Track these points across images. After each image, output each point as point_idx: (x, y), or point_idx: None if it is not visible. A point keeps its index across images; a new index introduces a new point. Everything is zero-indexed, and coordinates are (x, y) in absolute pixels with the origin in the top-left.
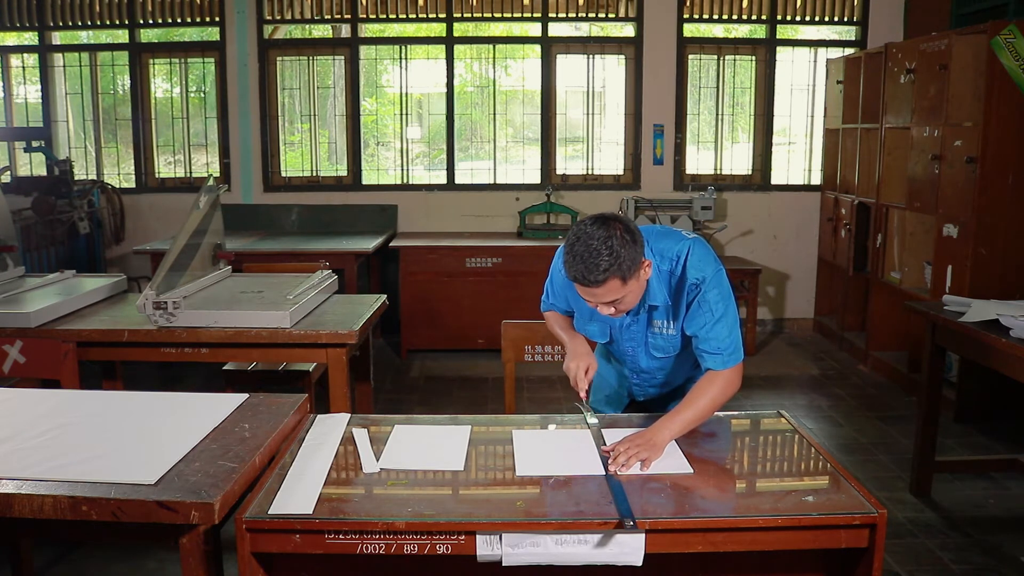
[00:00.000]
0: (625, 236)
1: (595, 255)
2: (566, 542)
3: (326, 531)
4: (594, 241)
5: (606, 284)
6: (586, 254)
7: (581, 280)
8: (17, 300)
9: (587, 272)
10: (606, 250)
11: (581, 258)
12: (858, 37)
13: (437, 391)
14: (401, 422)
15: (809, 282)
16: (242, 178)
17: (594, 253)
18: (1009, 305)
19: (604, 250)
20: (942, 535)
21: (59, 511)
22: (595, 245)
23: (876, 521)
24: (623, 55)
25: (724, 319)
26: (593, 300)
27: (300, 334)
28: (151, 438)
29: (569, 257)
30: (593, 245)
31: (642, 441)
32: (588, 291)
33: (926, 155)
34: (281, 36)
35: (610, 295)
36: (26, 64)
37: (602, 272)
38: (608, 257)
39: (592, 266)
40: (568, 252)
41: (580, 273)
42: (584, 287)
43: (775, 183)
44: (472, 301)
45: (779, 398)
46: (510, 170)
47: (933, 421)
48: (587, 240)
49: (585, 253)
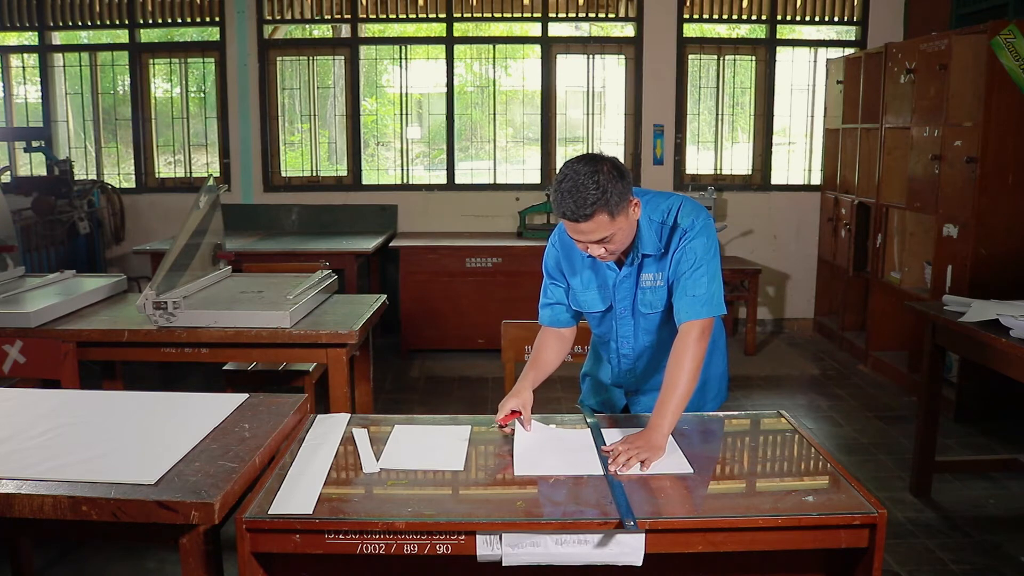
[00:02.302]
0: (612, 172)
1: (582, 190)
2: (566, 542)
3: (326, 531)
4: (581, 177)
5: (594, 218)
6: (574, 189)
7: (570, 216)
8: (17, 300)
9: (575, 207)
10: (593, 184)
11: (569, 194)
12: (858, 37)
13: (437, 391)
14: (401, 422)
15: (809, 282)
16: (242, 178)
17: (581, 188)
18: (1009, 305)
19: (591, 184)
20: (942, 535)
21: (59, 511)
22: (582, 180)
23: (876, 521)
24: (623, 55)
25: (706, 267)
26: (583, 239)
27: (300, 334)
28: (151, 438)
29: (557, 195)
30: (580, 180)
31: (642, 443)
32: (577, 228)
33: (926, 155)
34: (281, 36)
35: (599, 231)
36: (26, 64)
37: (590, 206)
38: (595, 191)
39: (580, 200)
40: (556, 190)
41: (569, 209)
42: (573, 224)
43: (775, 183)
44: (472, 301)
45: (779, 398)
46: (510, 170)
47: (933, 421)
48: (574, 177)
49: (573, 189)
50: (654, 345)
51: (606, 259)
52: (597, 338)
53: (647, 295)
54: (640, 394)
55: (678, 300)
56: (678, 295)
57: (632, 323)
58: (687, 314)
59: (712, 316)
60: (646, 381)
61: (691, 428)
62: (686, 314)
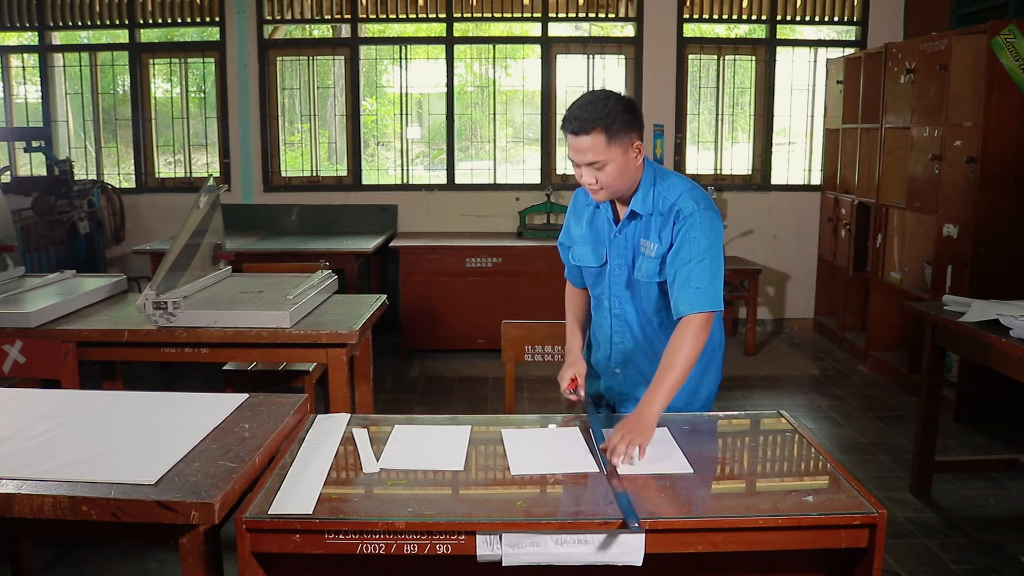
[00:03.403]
0: (623, 103)
1: (588, 106)
2: (566, 542)
3: (326, 531)
4: (592, 97)
5: (591, 135)
6: (583, 105)
7: (570, 127)
8: (17, 300)
9: (577, 121)
10: (600, 103)
11: (576, 107)
12: (858, 37)
13: (437, 391)
14: (401, 422)
15: (809, 282)
16: (242, 178)
17: (588, 105)
18: (1009, 305)
19: (598, 103)
20: (942, 535)
21: (59, 511)
22: (591, 99)
23: (876, 521)
24: (623, 55)
25: (710, 262)
26: (578, 159)
27: (300, 334)
28: (151, 438)
29: (567, 113)
30: (590, 99)
31: (632, 426)
32: (575, 145)
33: (926, 155)
34: (281, 36)
35: (593, 152)
36: (26, 64)
37: (590, 121)
38: (601, 109)
39: (583, 116)
40: (570, 108)
41: (570, 120)
42: (573, 138)
43: (775, 183)
44: (472, 301)
45: (779, 398)
46: (510, 170)
47: (933, 421)
48: (588, 96)
49: (582, 104)
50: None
51: (596, 195)
52: (594, 302)
53: (643, 261)
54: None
55: (680, 290)
56: (680, 285)
57: (629, 290)
58: (689, 306)
59: (712, 311)
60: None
61: (691, 428)
62: (688, 306)
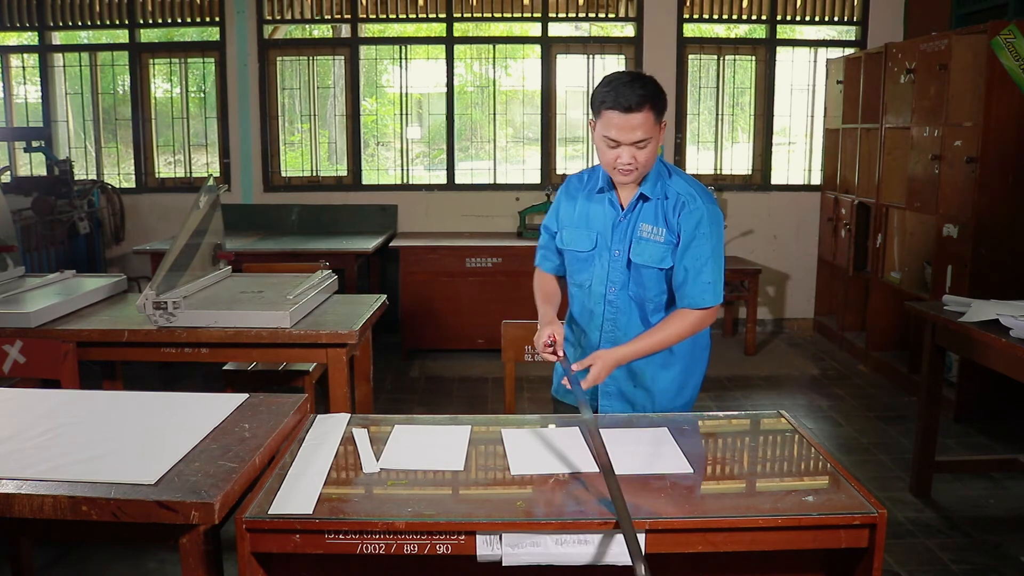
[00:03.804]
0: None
1: (635, 83)
2: (566, 542)
3: (326, 531)
4: (632, 75)
5: (643, 112)
6: (631, 81)
7: (624, 103)
8: (17, 300)
9: (631, 94)
10: (647, 80)
11: (626, 84)
12: (858, 37)
13: (437, 391)
14: (401, 422)
15: (809, 282)
16: (242, 178)
17: (638, 80)
18: (1009, 305)
19: (646, 80)
20: (942, 535)
21: (59, 511)
22: (634, 76)
23: (876, 521)
24: (623, 55)
25: (716, 259)
26: (624, 138)
27: (300, 334)
28: (151, 438)
29: (606, 88)
30: (631, 76)
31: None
32: (627, 120)
33: (926, 155)
34: (281, 36)
35: (643, 129)
36: (26, 64)
37: (645, 98)
38: (651, 86)
39: (632, 90)
40: (605, 85)
41: (624, 96)
42: (624, 114)
43: (775, 183)
44: (472, 301)
45: (779, 398)
46: (510, 170)
47: (933, 421)
48: (629, 73)
49: (626, 78)
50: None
51: (628, 176)
52: (578, 291)
53: (643, 246)
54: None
55: (692, 284)
56: (692, 279)
57: (626, 272)
58: (703, 299)
59: (714, 306)
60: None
61: (691, 428)
62: (701, 299)
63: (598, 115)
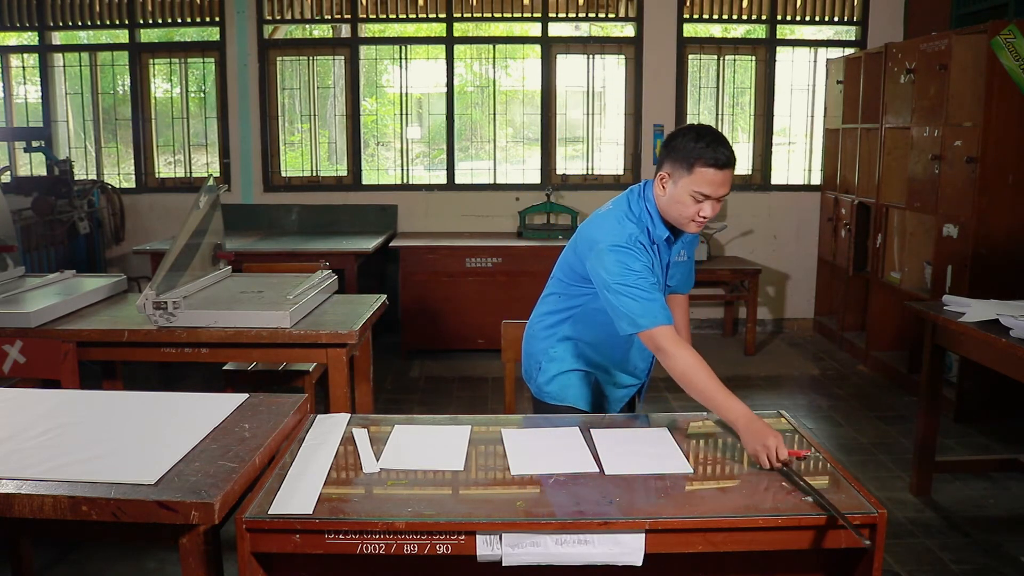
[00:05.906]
0: None
1: (720, 136)
2: (566, 542)
3: (326, 531)
4: (712, 129)
5: (733, 166)
6: (713, 134)
7: (723, 161)
8: (17, 300)
9: (725, 149)
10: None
11: (721, 144)
12: (858, 37)
13: (437, 391)
14: (401, 422)
15: (809, 282)
16: (242, 178)
17: (719, 135)
18: (1009, 305)
19: (719, 133)
20: (942, 535)
21: (59, 511)
22: (715, 131)
23: (876, 521)
24: (623, 55)
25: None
26: (714, 193)
27: (300, 334)
28: (151, 438)
29: (700, 144)
30: (713, 131)
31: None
32: (719, 177)
33: (926, 155)
34: (281, 36)
35: (727, 184)
36: (26, 64)
37: (731, 153)
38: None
39: (724, 142)
40: (697, 139)
41: (723, 155)
42: (722, 171)
43: (775, 183)
44: (472, 301)
45: (779, 398)
46: (510, 170)
47: (933, 421)
48: (709, 130)
49: (722, 139)
50: None
51: (697, 227)
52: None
53: (678, 268)
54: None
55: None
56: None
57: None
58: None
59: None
60: None
61: (691, 428)
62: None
63: (690, 171)
